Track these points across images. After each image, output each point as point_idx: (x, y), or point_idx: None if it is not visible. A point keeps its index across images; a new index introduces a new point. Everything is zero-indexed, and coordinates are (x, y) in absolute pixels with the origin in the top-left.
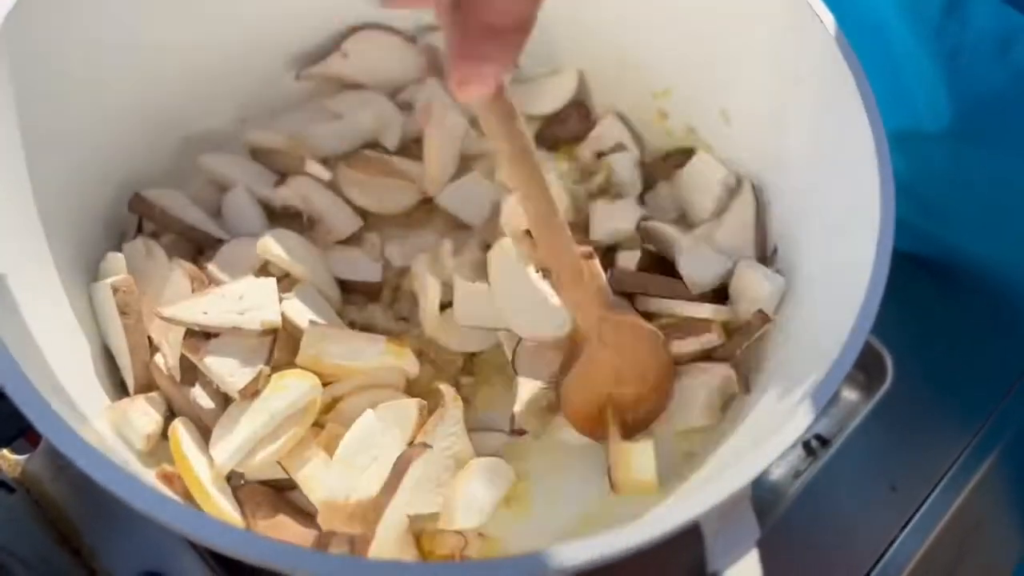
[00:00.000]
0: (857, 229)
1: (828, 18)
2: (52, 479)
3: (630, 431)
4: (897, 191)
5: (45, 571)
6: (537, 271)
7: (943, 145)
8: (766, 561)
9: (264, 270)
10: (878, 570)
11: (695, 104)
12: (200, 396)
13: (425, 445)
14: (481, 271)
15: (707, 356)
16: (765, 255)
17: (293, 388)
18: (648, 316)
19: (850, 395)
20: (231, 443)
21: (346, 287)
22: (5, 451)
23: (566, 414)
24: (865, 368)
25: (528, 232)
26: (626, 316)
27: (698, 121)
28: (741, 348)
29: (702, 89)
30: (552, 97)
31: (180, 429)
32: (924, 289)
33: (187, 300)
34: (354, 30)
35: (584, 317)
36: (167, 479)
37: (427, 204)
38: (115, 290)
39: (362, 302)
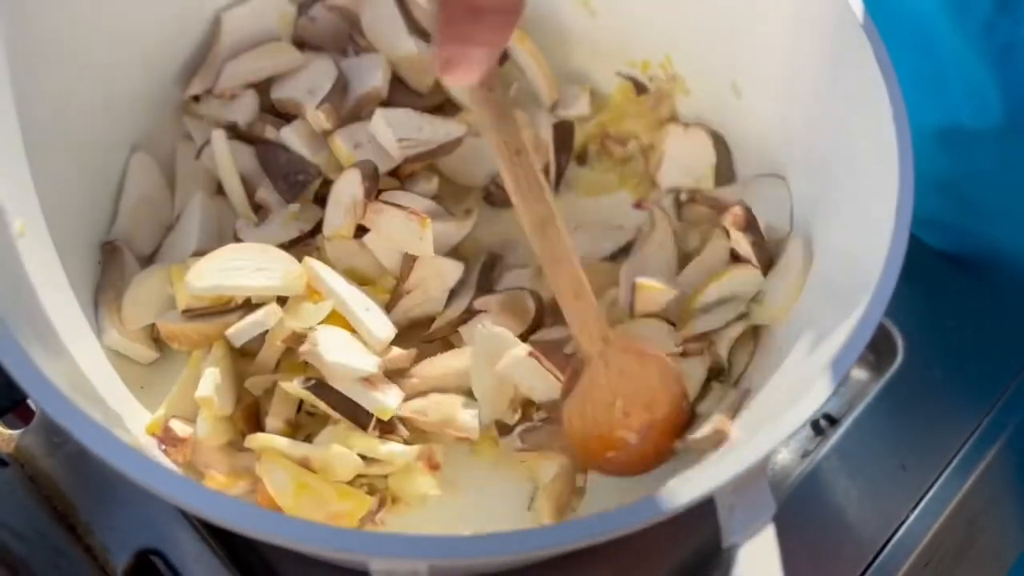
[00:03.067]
0: (875, 208)
1: None
2: (47, 455)
3: (634, 468)
4: (937, 189)
5: (40, 546)
6: None
7: (993, 142)
8: None
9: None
10: (887, 551)
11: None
12: None
13: None
14: None
15: None
16: None
17: None
18: None
19: (860, 375)
20: None
21: None
22: None
23: (569, 439)
24: (875, 347)
25: None
26: (632, 341)
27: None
28: None
29: (713, 62)
30: None
31: None
32: (935, 269)
33: None
34: None
35: (586, 336)
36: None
37: None
38: None
39: None
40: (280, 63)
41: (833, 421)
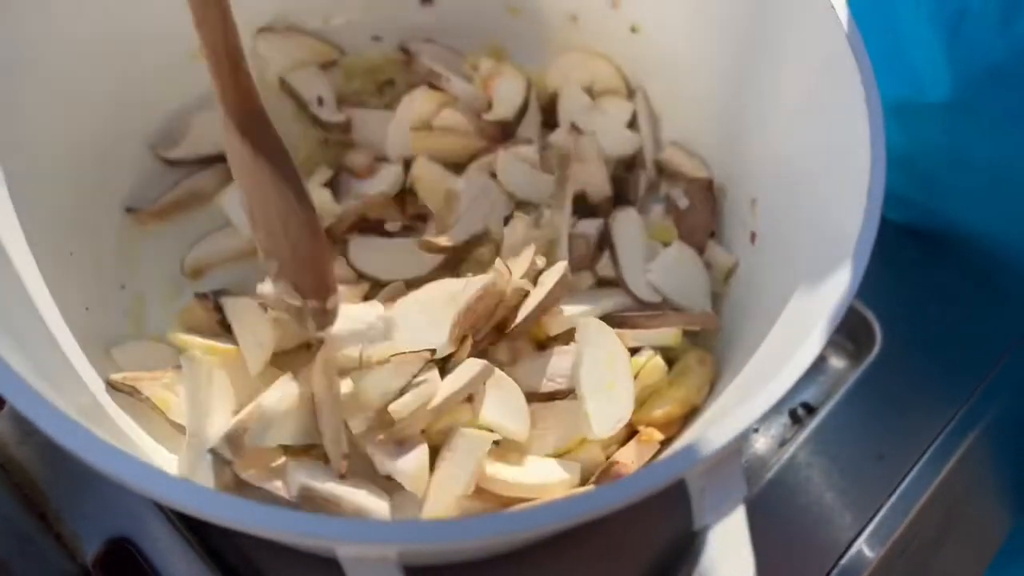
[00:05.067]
0: (846, 182)
1: None
2: (18, 443)
3: None
4: (892, 163)
5: (7, 533)
6: None
7: (941, 116)
8: (750, 530)
9: None
10: (864, 539)
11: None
12: None
13: None
14: None
15: None
16: None
17: None
18: None
19: (837, 363)
20: None
21: None
22: None
23: None
24: (853, 335)
25: None
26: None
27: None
28: None
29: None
30: None
31: None
32: (914, 256)
33: None
34: None
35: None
36: None
37: None
38: None
39: None
40: None
41: (811, 410)
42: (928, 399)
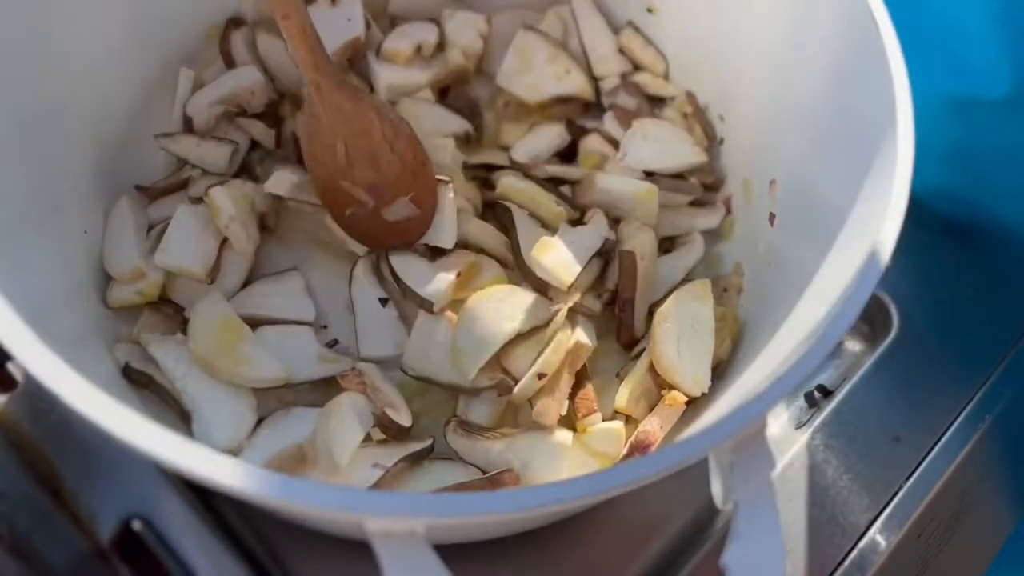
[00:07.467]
0: (871, 164)
1: None
2: (31, 421)
3: (378, 239)
4: (945, 159)
5: (25, 509)
6: None
7: (1000, 113)
8: None
9: None
10: (881, 521)
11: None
12: None
13: None
14: None
15: None
16: None
17: None
18: None
19: (854, 346)
20: None
21: None
22: None
23: (317, 193)
24: (870, 319)
25: None
26: (344, 83)
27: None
28: None
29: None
30: None
31: None
32: (931, 240)
33: None
34: None
35: (300, 57)
36: None
37: None
38: None
39: None
40: None
41: (827, 393)
42: (945, 382)
